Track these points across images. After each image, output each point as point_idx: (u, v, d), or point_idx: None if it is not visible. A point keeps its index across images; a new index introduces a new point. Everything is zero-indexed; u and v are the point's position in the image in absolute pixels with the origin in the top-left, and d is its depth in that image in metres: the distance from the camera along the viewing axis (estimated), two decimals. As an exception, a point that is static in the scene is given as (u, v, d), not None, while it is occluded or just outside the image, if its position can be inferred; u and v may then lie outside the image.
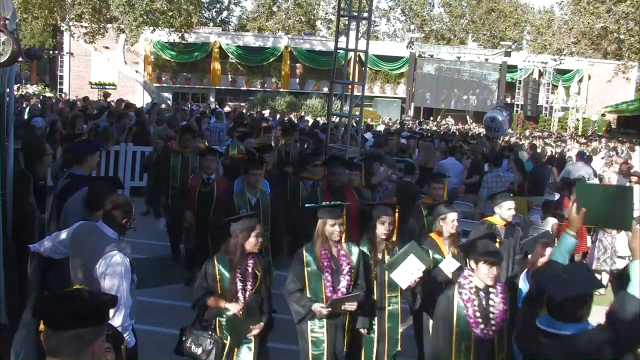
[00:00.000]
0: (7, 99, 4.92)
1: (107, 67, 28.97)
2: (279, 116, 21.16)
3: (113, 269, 3.63)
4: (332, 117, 11.25)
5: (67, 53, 30.35)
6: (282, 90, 33.28)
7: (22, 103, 16.46)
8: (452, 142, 13.90)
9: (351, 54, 10.85)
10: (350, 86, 10.99)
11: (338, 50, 10.77)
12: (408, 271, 4.24)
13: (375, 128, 20.15)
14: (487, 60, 33.60)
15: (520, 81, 35.50)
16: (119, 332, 3.08)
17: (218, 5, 46.89)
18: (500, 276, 4.27)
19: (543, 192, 10.83)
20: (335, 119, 11.35)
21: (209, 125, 13.68)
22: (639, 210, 5.53)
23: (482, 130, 23.91)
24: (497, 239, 4.77)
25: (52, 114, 12.86)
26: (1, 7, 4.02)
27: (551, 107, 35.54)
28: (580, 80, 36.90)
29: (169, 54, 31.69)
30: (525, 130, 31.47)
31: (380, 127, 21.26)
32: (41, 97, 21.80)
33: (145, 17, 22.92)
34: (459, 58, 33.93)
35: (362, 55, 10.77)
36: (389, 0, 57.29)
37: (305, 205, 5.34)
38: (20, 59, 4.48)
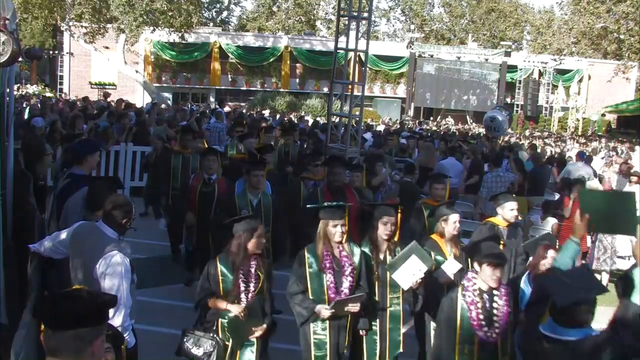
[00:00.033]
0: (7, 99, 4.91)
1: (107, 67, 28.97)
2: (278, 116, 21.16)
3: (113, 269, 3.62)
4: (332, 117, 11.25)
5: (67, 53, 30.35)
6: (282, 90, 33.29)
7: (22, 103, 16.46)
8: (452, 142, 13.90)
9: (351, 54, 10.85)
10: (350, 86, 10.99)
11: (338, 50, 10.77)
12: (409, 272, 4.21)
13: (375, 128, 20.14)
14: (487, 60, 33.60)
15: (520, 81, 35.50)
16: (119, 332, 3.08)
17: (218, 5, 46.90)
18: (502, 278, 4.27)
19: (543, 192, 10.83)
20: (335, 119, 11.35)
21: (209, 125, 13.67)
22: None
23: (482, 130, 23.91)
24: (501, 240, 4.74)
25: (52, 114, 12.86)
26: (1, 7, 4.01)
27: (551, 107, 35.55)
28: (580, 80, 36.90)
29: (169, 54, 31.69)
30: (525, 130, 31.48)
31: (380, 127, 21.25)
32: (41, 97, 21.80)
33: (145, 17, 22.92)
34: (459, 58, 33.94)
35: (362, 55, 10.77)
36: (389, 0, 57.42)
37: (307, 205, 5.32)
38: (20, 59, 4.48)
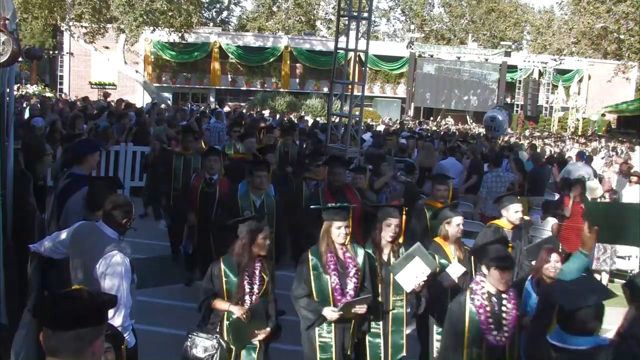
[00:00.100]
0: (7, 99, 4.91)
1: (107, 67, 28.96)
2: (278, 116, 21.15)
3: (113, 269, 3.62)
4: (332, 117, 11.26)
5: (67, 53, 30.35)
6: (282, 90, 33.28)
7: (22, 103, 16.45)
8: (451, 142, 13.91)
9: (351, 54, 10.86)
10: (350, 86, 11.00)
11: (338, 50, 10.78)
12: (412, 274, 4.17)
13: (375, 128, 20.13)
14: (487, 60, 33.60)
15: (520, 81, 35.50)
16: (119, 331, 3.08)
17: (218, 5, 46.88)
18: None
19: (543, 192, 10.83)
20: (335, 119, 11.35)
21: (209, 125, 13.67)
22: None
23: (482, 130, 23.92)
24: (509, 243, 4.68)
25: (52, 114, 12.85)
26: (1, 7, 4.01)
27: (551, 107, 35.55)
28: (580, 80, 36.90)
29: (169, 54, 31.69)
30: (525, 130, 31.49)
31: (380, 127, 21.25)
32: (41, 97, 21.79)
33: (145, 17, 22.91)
34: (459, 58, 33.94)
35: (362, 55, 10.78)
36: (389, 0, 57.44)
37: (310, 207, 5.28)
38: (20, 59, 4.48)
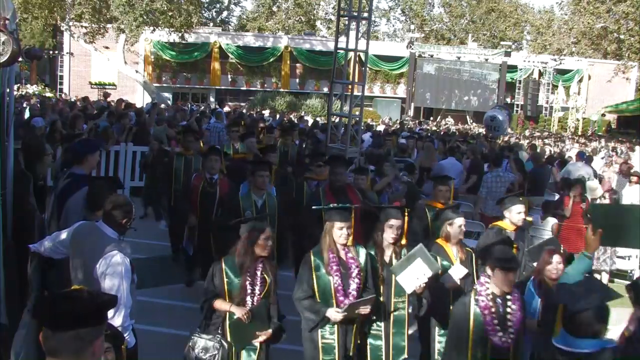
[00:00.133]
0: (7, 99, 4.91)
1: (107, 67, 28.95)
2: (278, 116, 21.15)
3: (113, 269, 3.62)
4: (332, 117, 11.26)
5: (67, 53, 30.34)
6: (282, 90, 33.27)
7: (22, 103, 16.45)
8: (450, 142, 13.91)
9: (351, 54, 10.86)
10: (350, 86, 11.00)
11: (338, 50, 10.78)
12: (414, 275, 4.14)
13: (375, 128, 20.13)
14: (487, 60, 33.59)
15: (520, 81, 35.49)
16: (119, 331, 3.08)
17: (218, 5, 46.88)
18: None
19: (543, 192, 10.83)
20: (335, 119, 11.35)
21: (209, 125, 13.67)
22: None
23: (482, 130, 23.92)
24: (514, 244, 4.65)
25: (52, 114, 12.85)
26: (1, 7, 4.01)
27: (551, 107, 35.54)
28: (580, 80, 36.89)
29: (169, 54, 31.68)
30: (525, 130, 31.49)
31: (381, 127, 21.25)
32: (40, 97, 21.79)
33: (145, 17, 22.90)
34: (459, 58, 33.93)
35: (362, 55, 10.78)
36: (389, 0, 57.38)
37: (313, 207, 5.27)
38: (20, 59, 4.48)
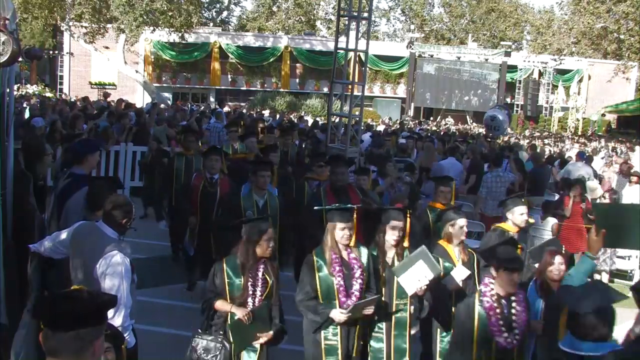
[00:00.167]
0: (7, 99, 4.91)
1: (107, 67, 28.95)
2: (278, 116, 21.16)
3: (113, 268, 3.62)
4: (332, 117, 11.26)
5: (67, 53, 30.34)
6: (282, 90, 33.27)
7: (22, 103, 16.45)
8: (449, 142, 13.92)
9: (351, 54, 10.86)
10: (350, 86, 11.00)
11: (338, 50, 10.78)
12: (415, 277, 4.11)
13: (375, 128, 20.14)
14: (487, 60, 33.60)
15: (520, 81, 35.49)
16: (118, 331, 3.07)
17: (218, 5, 46.87)
18: None
19: (543, 192, 10.83)
20: (335, 119, 11.35)
21: (209, 125, 13.67)
22: None
23: (481, 130, 23.92)
24: (518, 244, 4.61)
25: (52, 114, 12.86)
26: (1, 7, 4.01)
27: (551, 107, 35.54)
28: (580, 80, 36.89)
29: (169, 54, 31.68)
30: (525, 130, 31.49)
31: (381, 127, 21.26)
32: (40, 97, 21.78)
33: (145, 17, 22.90)
34: (459, 58, 33.93)
35: (362, 55, 10.78)
36: (389, 0, 57.38)
37: (315, 207, 5.25)
38: (20, 59, 4.48)
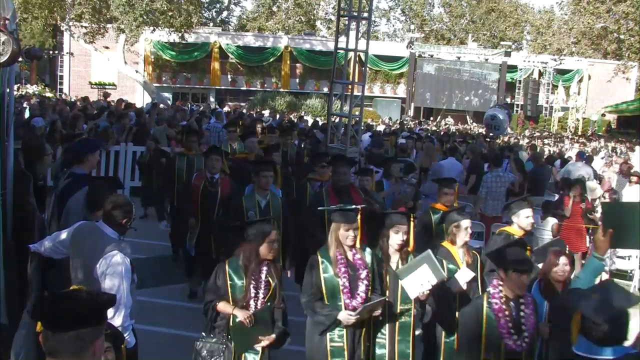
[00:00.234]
0: (7, 99, 4.91)
1: (107, 67, 28.94)
2: (278, 116, 21.16)
3: (113, 268, 3.62)
4: (332, 117, 11.26)
5: (67, 53, 30.33)
6: (282, 90, 33.27)
7: (22, 103, 16.45)
8: (448, 142, 13.91)
9: (351, 54, 10.87)
10: (350, 86, 11.01)
11: (338, 50, 10.79)
12: (418, 281, 4.09)
13: (375, 128, 20.14)
14: (487, 60, 33.60)
15: (520, 81, 35.50)
16: (118, 331, 3.07)
17: (218, 5, 46.87)
18: None
19: (543, 192, 10.83)
20: (335, 119, 11.35)
21: (209, 125, 13.67)
22: None
23: (481, 130, 23.92)
24: (527, 246, 4.55)
25: (52, 114, 12.86)
26: (1, 7, 4.01)
27: (551, 107, 35.55)
28: (580, 80, 36.89)
29: (169, 54, 31.69)
30: (525, 130, 31.49)
31: (381, 127, 21.27)
32: (40, 97, 21.78)
33: (145, 17, 22.89)
34: (459, 58, 33.93)
35: (362, 55, 10.79)
36: (389, 0, 57.41)
37: (318, 208, 5.22)
38: (20, 59, 4.48)
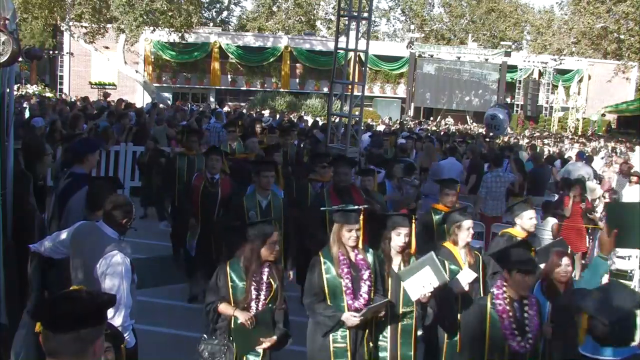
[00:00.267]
0: (7, 99, 4.91)
1: (107, 67, 28.94)
2: (278, 116, 21.16)
3: (113, 268, 3.62)
4: (332, 117, 11.26)
5: (67, 53, 30.32)
6: (282, 90, 33.27)
7: (22, 103, 16.45)
8: (448, 142, 13.90)
9: (351, 54, 10.86)
10: (350, 86, 11.01)
11: (338, 50, 10.79)
12: (420, 283, 4.07)
13: (375, 128, 20.13)
14: (487, 60, 33.60)
15: (520, 81, 35.49)
16: (118, 331, 3.07)
17: (218, 5, 46.88)
18: None
19: (543, 192, 10.83)
20: (335, 119, 11.35)
21: (209, 125, 13.66)
22: None
23: (481, 130, 23.92)
24: (532, 247, 4.55)
25: (52, 114, 12.86)
26: (1, 7, 4.01)
27: (551, 107, 35.55)
28: (580, 80, 36.89)
29: (169, 54, 31.68)
30: (525, 130, 31.49)
31: (381, 127, 21.26)
32: (40, 97, 21.78)
33: (145, 17, 22.89)
34: (459, 58, 33.93)
35: (362, 55, 10.78)
36: (389, 0, 57.40)
37: (321, 208, 5.21)
38: (20, 59, 4.48)
